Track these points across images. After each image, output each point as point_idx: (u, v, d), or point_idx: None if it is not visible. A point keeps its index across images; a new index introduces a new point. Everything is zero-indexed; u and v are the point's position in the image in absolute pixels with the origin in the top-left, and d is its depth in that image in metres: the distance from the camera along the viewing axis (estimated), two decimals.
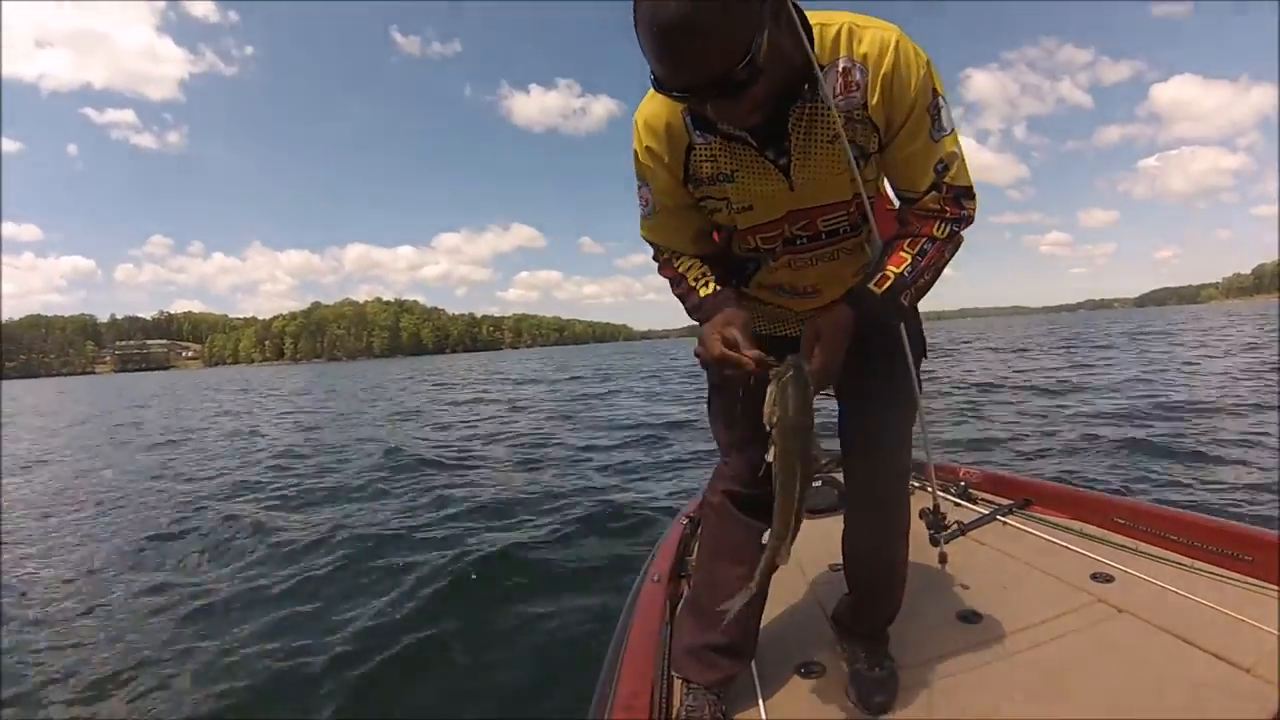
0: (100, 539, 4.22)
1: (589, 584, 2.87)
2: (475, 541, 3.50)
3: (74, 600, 3.09)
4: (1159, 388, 8.16)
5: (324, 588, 3.01)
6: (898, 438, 1.13)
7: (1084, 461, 4.62)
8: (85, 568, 3.60)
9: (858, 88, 0.89)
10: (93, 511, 5.04)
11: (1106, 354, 14.84)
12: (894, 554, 1.16)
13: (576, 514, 4.00)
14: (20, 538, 4.34)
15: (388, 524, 4.07)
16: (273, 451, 7.67)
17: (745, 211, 1.01)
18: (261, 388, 28.98)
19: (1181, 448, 4.72)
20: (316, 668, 2.22)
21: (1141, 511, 1.67)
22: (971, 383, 10.13)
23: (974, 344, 23.86)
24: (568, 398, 13.53)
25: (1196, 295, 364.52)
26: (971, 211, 0.96)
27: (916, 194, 0.96)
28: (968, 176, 0.95)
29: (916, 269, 0.93)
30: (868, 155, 0.96)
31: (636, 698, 1.07)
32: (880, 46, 0.88)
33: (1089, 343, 20.30)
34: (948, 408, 7.60)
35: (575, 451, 6.65)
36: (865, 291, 0.93)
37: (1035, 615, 1.33)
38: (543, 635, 2.39)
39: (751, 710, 1.14)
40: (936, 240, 0.95)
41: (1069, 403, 7.44)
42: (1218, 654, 1.11)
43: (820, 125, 0.92)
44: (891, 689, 1.11)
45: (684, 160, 0.99)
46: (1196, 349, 14.55)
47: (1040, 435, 5.63)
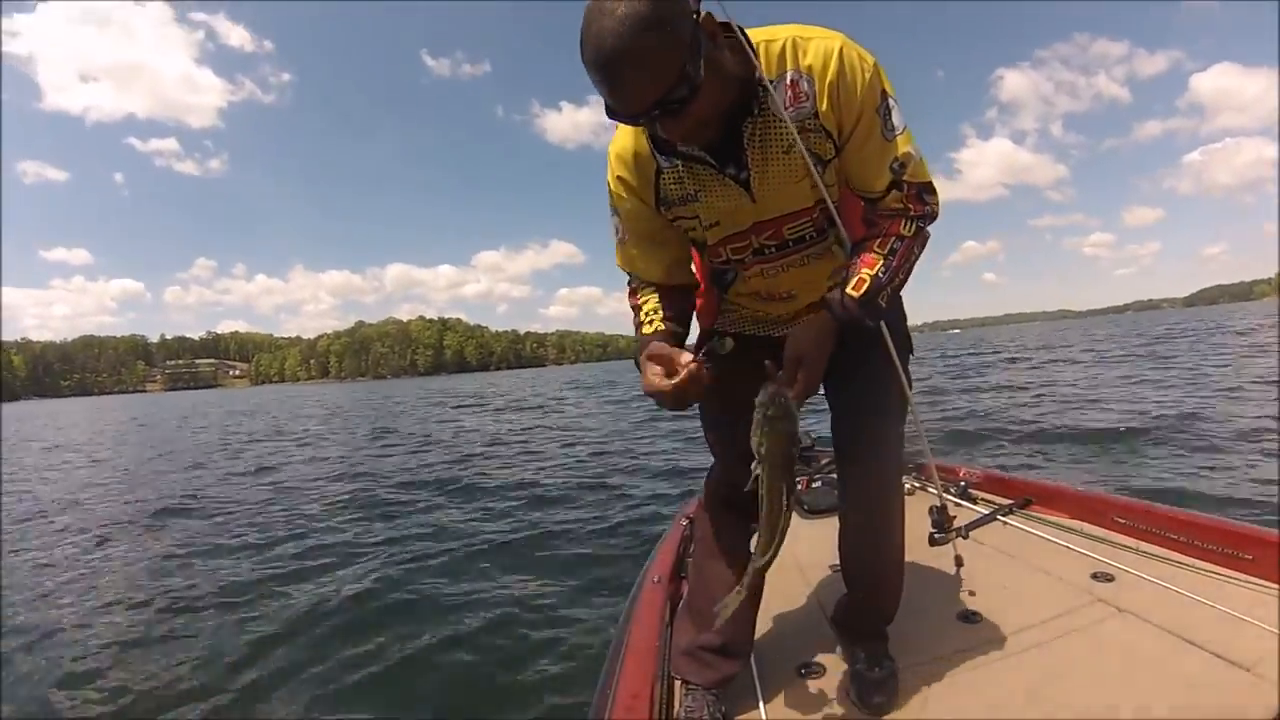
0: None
1: (591, 584, 2.87)
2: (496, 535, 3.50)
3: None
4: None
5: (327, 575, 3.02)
6: (888, 438, 1.13)
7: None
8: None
9: (806, 97, 0.93)
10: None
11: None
12: (890, 554, 1.17)
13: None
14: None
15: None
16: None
17: (713, 227, 1.05)
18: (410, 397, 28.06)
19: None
20: (300, 654, 2.22)
21: (1142, 511, 1.66)
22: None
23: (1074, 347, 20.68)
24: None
25: (1249, 292, 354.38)
26: (935, 207, 0.99)
27: (877, 194, 0.98)
28: (927, 173, 0.98)
29: (890, 269, 0.96)
30: (825, 162, 0.99)
31: (636, 698, 1.07)
32: (824, 55, 0.91)
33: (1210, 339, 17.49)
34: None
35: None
36: (844, 297, 0.94)
37: (1035, 615, 1.33)
38: (543, 634, 2.39)
39: (751, 711, 1.14)
40: (905, 238, 0.97)
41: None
42: (1219, 653, 1.11)
43: (774, 137, 0.96)
44: (891, 689, 1.11)
45: (654, 185, 1.04)
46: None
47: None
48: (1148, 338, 22.23)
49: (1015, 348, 25.36)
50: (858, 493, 1.16)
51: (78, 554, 4.02)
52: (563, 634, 2.39)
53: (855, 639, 1.21)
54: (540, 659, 2.23)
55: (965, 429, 6.22)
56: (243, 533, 4.27)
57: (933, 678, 1.16)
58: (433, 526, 4.09)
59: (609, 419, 11.27)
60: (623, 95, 0.82)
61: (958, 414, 7.34)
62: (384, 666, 2.23)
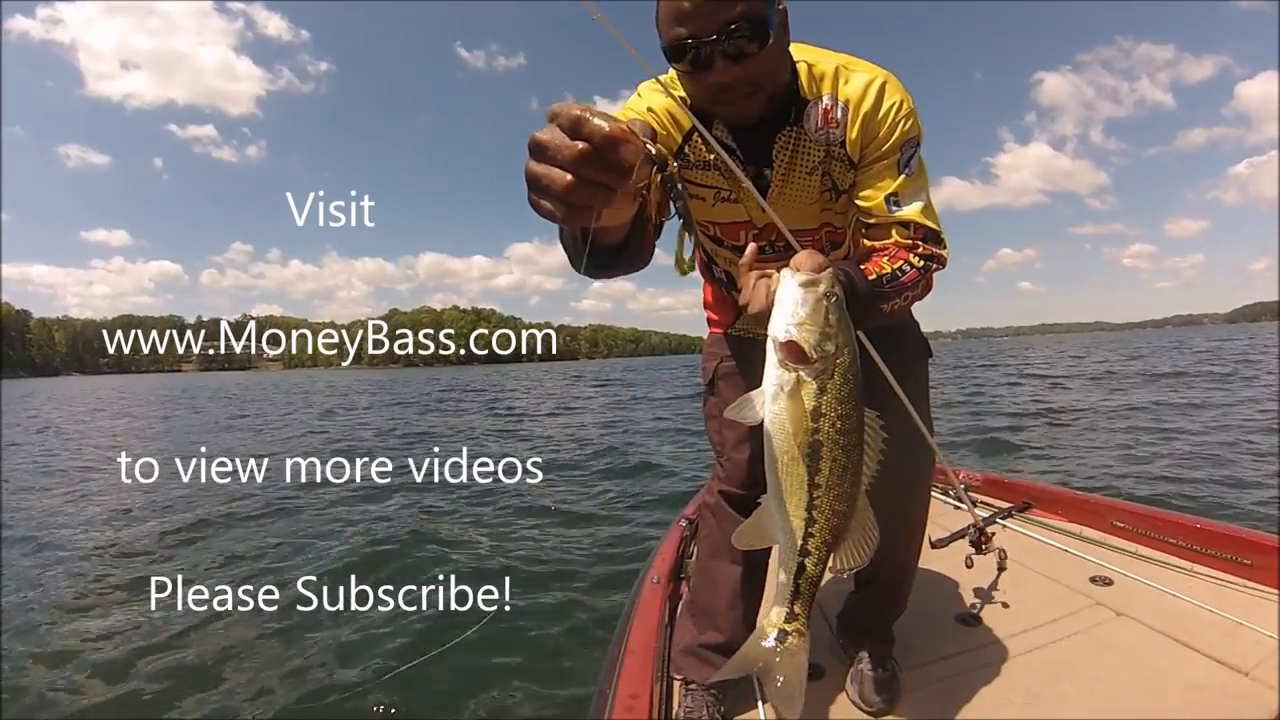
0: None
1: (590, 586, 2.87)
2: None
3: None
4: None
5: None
6: (912, 438, 1.12)
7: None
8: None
9: (838, 125, 0.94)
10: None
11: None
12: (908, 557, 1.17)
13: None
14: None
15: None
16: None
17: (728, 203, 1.02)
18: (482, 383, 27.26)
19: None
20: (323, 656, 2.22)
21: (1140, 515, 1.67)
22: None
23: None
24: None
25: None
26: (943, 255, 0.94)
27: (876, 215, 0.94)
28: (936, 221, 0.95)
29: (897, 281, 0.89)
30: (841, 192, 0.99)
31: (636, 698, 1.07)
32: (864, 87, 0.92)
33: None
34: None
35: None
36: (853, 268, 0.85)
37: (1035, 618, 1.33)
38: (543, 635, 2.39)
39: (751, 711, 1.14)
40: (914, 266, 0.91)
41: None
42: (1217, 657, 1.11)
43: (803, 155, 0.97)
44: (894, 690, 1.11)
45: (680, 141, 1.00)
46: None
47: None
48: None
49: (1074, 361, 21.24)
50: (877, 491, 1.14)
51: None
52: (562, 635, 2.39)
53: (861, 639, 1.20)
54: (540, 659, 2.23)
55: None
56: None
57: (933, 679, 1.16)
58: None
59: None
60: (703, 3, 0.80)
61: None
62: (384, 666, 2.23)
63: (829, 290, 0.58)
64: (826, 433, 0.57)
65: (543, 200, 0.47)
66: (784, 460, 0.59)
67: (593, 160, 0.44)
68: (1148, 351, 19.86)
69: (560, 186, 0.45)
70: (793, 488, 0.59)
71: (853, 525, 0.61)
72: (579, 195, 0.45)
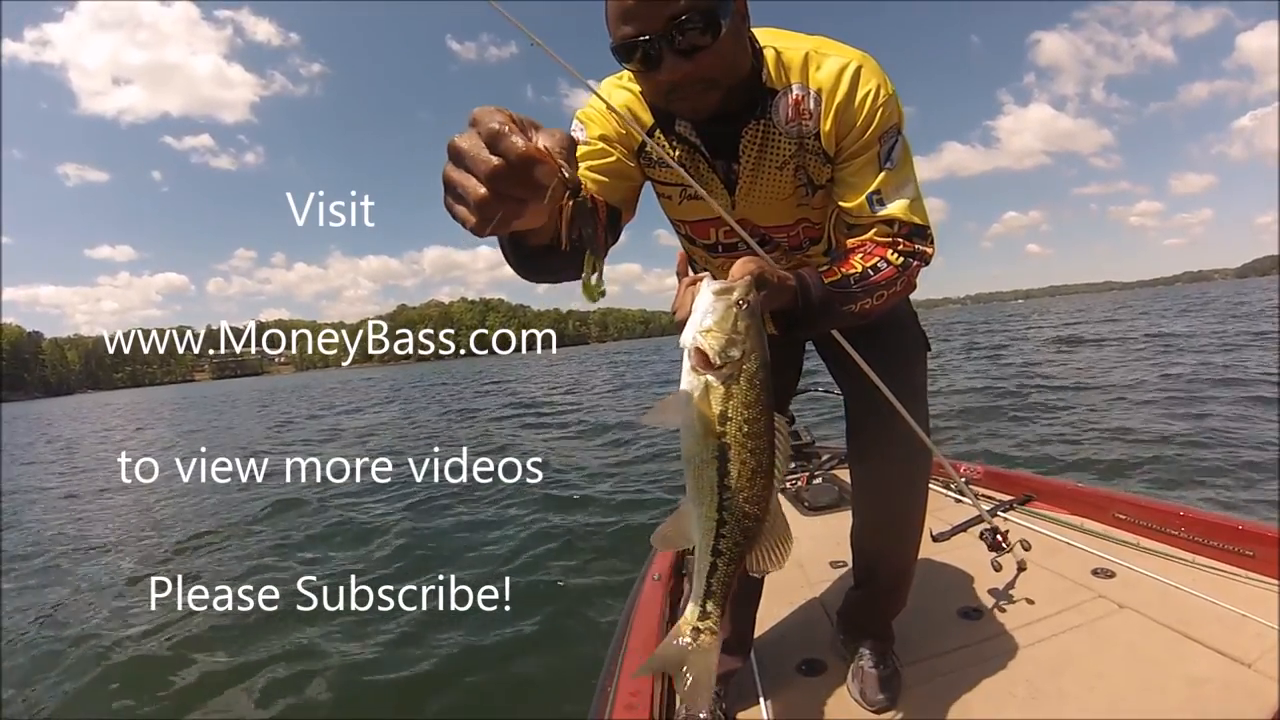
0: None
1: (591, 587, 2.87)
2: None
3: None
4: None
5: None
6: (911, 436, 1.11)
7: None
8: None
9: (810, 116, 0.88)
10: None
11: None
12: (907, 553, 1.16)
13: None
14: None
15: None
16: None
17: (693, 201, 0.97)
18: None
19: None
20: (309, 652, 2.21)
21: (1142, 507, 1.66)
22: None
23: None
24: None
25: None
26: (927, 251, 0.90)
27: (860, 219, 0.91)
28: (923, 216, 0.90)
29: (867, 281, 0.84)
30: (816, 187, 0.94)
31: (636, 697, 1.06)
32: (837, 74, 0.86)
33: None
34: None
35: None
36: (811, 273, 0.81)
37: (1036, 611, 1.33)
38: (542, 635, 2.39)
39: (753, 708, 1.14)
40: (891, 264, 0.87)
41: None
42: (1219, 650, 1.11)
43: (773, 149, 0.92)
44: (895, 687, 1.11)
45: (642, 138, 0.94)
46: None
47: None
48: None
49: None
50: (880, 492, 1.13)
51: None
52: (562, 634, 2.39)
53: (861, 636, 1.20)
54: (540, 658, 2.23)
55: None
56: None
57: (935, 674, 1.16)
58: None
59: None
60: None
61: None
62: (384, 667, 2.23)
63: (741, 298, 0.60)
64: (734, 435, 0.59)
65: (457, 206, 0.47)
66: (695, 463, 0.61)
67: (506, 176, 0.45)
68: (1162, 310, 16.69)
69: (473, 197, 0.45)
70: (705, 489, 0.61)
71: (766, 528, 0.62)
72: (491, 208, 0.46)
